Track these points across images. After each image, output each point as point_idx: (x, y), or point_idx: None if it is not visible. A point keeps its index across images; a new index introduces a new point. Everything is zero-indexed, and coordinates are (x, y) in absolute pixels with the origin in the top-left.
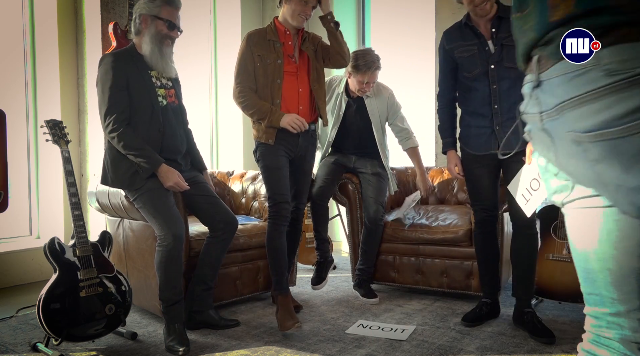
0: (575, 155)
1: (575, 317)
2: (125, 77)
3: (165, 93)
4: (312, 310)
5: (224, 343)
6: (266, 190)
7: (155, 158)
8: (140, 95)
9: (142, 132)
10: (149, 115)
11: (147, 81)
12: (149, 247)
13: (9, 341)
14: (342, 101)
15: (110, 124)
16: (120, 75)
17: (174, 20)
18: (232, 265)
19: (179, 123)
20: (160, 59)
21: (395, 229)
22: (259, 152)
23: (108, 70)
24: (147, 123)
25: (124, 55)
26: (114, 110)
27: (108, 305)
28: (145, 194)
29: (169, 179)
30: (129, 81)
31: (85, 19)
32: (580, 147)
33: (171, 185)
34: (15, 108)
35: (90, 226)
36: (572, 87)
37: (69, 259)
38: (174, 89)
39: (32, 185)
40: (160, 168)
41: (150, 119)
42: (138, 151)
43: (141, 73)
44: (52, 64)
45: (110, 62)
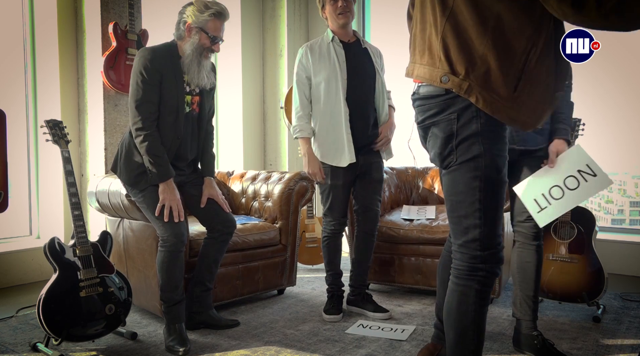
0: None
1: (575, 317)
2: (159, 75)
3: (191, 100)
4: (312, 310)
5: (224, 343)
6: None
7: (167, 171)
8: (169, 97)
9: (163, 133)
10: (173, 119)
11: (179, 84)
12: (149, 247)
13: (9, 341)
14: (337, 47)
15: (140, 121)
16: (155, 73)
17: (218, 34)
18: (232, 265)
19: (193, 131)
20: (197, 71)
21: (395, 229)
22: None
23: (146, 65)
24: (170, 126)
25: (164, 53)
26: (146, 107)
27: (108, 305)
28: (148, 195)
29: (167, 197)
30: (162, 80)
31: (85, 19)
32: None
33: (165, 200)
34: (15, 108)
35: (90, 226)
36: None
37: (69, 259)
38: (199, 96)
39: (32, 185)
40: (168, 181)
41: (174, 123)
42: (156, 159)
43: (176, 75)
44: (52, 64)
45: (149, 57)
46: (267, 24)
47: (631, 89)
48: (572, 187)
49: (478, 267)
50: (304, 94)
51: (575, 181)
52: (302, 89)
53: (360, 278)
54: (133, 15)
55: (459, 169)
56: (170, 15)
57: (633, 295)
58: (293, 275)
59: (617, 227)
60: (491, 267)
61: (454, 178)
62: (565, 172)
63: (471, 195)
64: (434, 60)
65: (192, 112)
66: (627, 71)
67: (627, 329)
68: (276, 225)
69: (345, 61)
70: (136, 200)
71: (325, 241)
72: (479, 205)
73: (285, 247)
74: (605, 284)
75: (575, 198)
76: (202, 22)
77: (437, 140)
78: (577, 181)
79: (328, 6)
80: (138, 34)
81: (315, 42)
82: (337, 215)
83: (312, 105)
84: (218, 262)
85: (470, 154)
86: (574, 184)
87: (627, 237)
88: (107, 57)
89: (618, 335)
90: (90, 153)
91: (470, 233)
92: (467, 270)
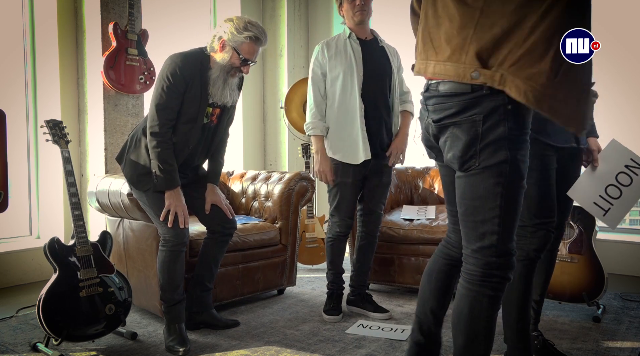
0: None
1: (575, 317)
2: (185, 84)
3: (211, 111)
4: (312, 310)
5: (224, 343)
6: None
7: (175, 180)
8: (191, 106)
9: (176, 140)
10: (189, 128)
11: (203, 95)
12: (149, 246)
13: (9, 341)
14: (353, 43)
15: (157, 126)
16: (182, 81)
17: (251, 58)
18: (232, 265)
19: (206, 141)
20: (222, 88)
21: (395, 229)
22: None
23: (174, 72)
24: (183, 135)
25: (194, 61)
26: (166, 114)
27: (108, 305)
28: (151, 194)
29: (173, 203)
30: (187, 89)
31: (85, 19)
32: None
33: (170, 205)
34: (15, 108)
35: (90, 226)
36: None
37: (69, 259)
38: (220, 109)
39: (32, 185)
40: (175, 189)
41: (188, 132)
42: (166, 166)
43: (202, 85)
44: (52, 64)
45: (180, 64)
46: (267, 24)
47: (631, 88)
48: (625, 183)
49: (493, 273)
50: (319, 91)
51: (626, 177)
52: (318, 85)
53: (360, 278)
54: (133, 15)
55: (480, 173)
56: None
57: (633, 295)
58: (293, 275)
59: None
60: (505, 273)
61: (474, 183)
62: (614, 169)
63: (492, 200)
64: (458, 56)
65: (210, 123)
66: (627, 71)
67: (627, 329)
68: (276, 225)
69: (361, 57)
70: (138, 197)
71: (330, 242)
72: (498, 212)
73: (285, 247)
74: (605, 284)
75: (634, 194)
76: (238, 42)
77: (458, 142)
78: (628, 177)
79: (346, 4)
80: (138, 34)
81: (332, 39)
82: (343, 215)
83: (327, 102)
84: (218, 262)
85: (495, 159)
86: (627, 180)
87: (627, 237)
88: (107, 57)
89: (618, 335)
90: (90, 153)
91: (487, 239)
92: (480, 276)
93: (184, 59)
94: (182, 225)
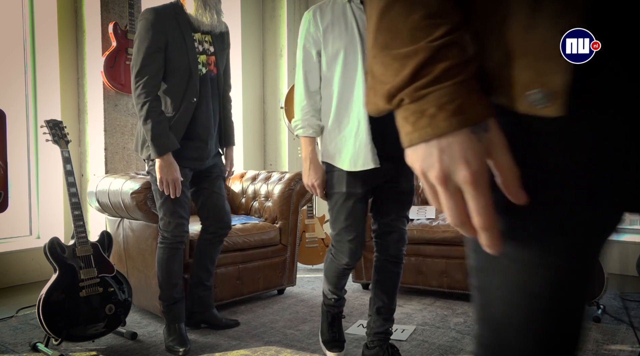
0: None
1: None
2: (164, 37)
3: (206, 60)
4: (312, 310)
5: (224, 343)
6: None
7: (166, 143)
8: (179, 58)
9: (176, 98)
10: (186, 81)
11: (188, 44)
12: (149, 246)
13: (9, 341)
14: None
15: (140, 88)
16: (159, 35)
17: None
18: (232, 265)
19: (214, 95)
20: (205, 11)
21: None
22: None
23: (148, 28)
24: (183, 90)
25: (167, 12)
26: (145, 72)
27: (108, 305)
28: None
29: (167, 172)
30: (169, 41)
31: (85, 19)
32: None
33: (164, 178)
34: (15, 108)
35: (90, 226)
36: None
37: (69, 259)
38: (214, 56)
39: (32, 185)
40: (166, 156)
41: (187, 86)
42: (153, 130)
43: (183, 34)
44: (52, 64)
45: (150, 19)
46: (267, 24)
47: None
48: None
49: None
50: (313, 78)
51: None
52: (310, 69)
53: (383, 325)
54: (133, 15)
55: None
56: None
57: (633, 295)
58: (293, 275)
59: None
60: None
61: None
62: None
63: None
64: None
65: (210, 73)
66: None
67: (627, 329)
68: (276, 225)
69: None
70: (150, 175)
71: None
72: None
73: (285, 247)
74: (605, 284)
75: None
76: None
77: None
78: None
79: None
80: None
81: (326, 3)
82: (353, 239)
83: (322, 89)
84: (214, 260)
85: None
86: None
87: (627, 237)
88: (107, 57)
89: (618, 335)
90: (90, 153)
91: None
92: None
93: (154, 11)
94: (172, 195)
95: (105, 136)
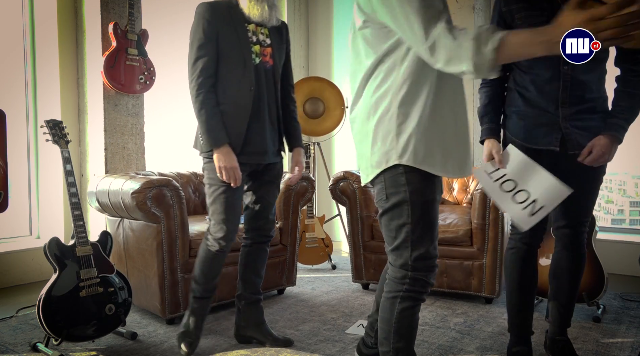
0: None
1: (575, 317)
2: (215, 28)
3: (260, 51)
4: (312, 310)
5: (224, 343)
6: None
7: (220, 135)
8: (232, 49)
9: (232, 90)
10: (241, 72)
11: (241, 34)
12: (149, 246)
13: (9, 341)
14: None
15: (194, 80)
16: (210, 27)
17: None
18: (232, 265)
19: (269, 86)
20: (256, 3)
21: None
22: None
23: (198, 21)
24: (238, 80)
25: (219, 5)
26: (198, 64)
27: (108, 305)
28: (214, 170)
29: (225, 160)
30: (220, 33)
31: (85, 19)
32: None
33: (223, 166)
34: (15, 108)
35: (90, 226)
36: None
37: (69, 259)
38: (270, 48)
39: (32, 185)
40: (222, 146)
41: (242, 76)
42: (208, 121)
43: (236, 25)
44: (52, 64)
45: (202, 12)
46: None
47: None
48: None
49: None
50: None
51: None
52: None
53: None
54: (133, 15)
55: None
56: (170, 15)
57: (633, 295)
58: (293, 275)
59: (617, 227)
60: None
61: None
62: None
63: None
64: None
65: (264, 64)
66: None
67: (627, 329)
68: (276, 225)
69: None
70: (204, 170)
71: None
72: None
73: (285, 247)
74: (605, 284)
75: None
76: None
77: None
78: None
79: None
80: (138, 34)
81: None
82: (436, 254)
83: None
84: (258, 271)
85: None
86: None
87: (627, 237)
88: (107, 57)
89: (618, 335)
90: (90, 153)
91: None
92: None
93: (208, 4)
94: (234, 184)
95: (105, 136)
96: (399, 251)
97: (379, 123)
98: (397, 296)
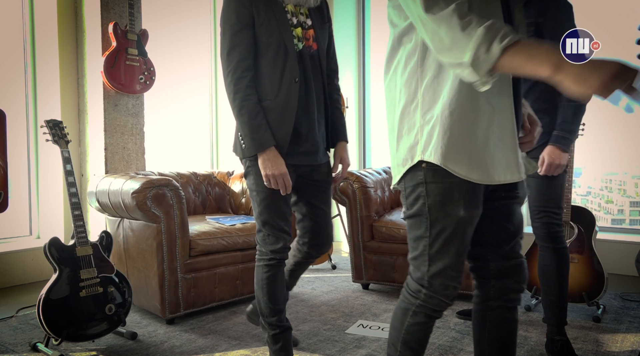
0: None
1: (575, 317)
2: (250, 13)
3: (302, 34)
4: (312, 310)
5: (224, 343)
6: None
7: (265, 137)
8: (271, 35)
9: (275, 82)
10: (282, 61)
11: (279, 18)
12: (149, 246)
13: (9, 341)
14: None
15: (230, 74)
16: (243, 9)
17: None
18: (232, 265)
19: (316, 75)
20: None
21: (395, 229)
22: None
23: (231, 4)
24: (281, 71)
25: None
26: (234, 55)
27: (108, 305)
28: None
29: (272, 167)
30: (256, 17)
31: (85, 19)
32: None
33: (271, 174)
34: (15, 108)
35: (90, 226)
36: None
37: (69, 259)
38: (313, 30)
39: (32, 185)
40: (269, 150)
41: (284, 65)
42: (250, 122)
43: (272, 7)
44: (52, 64)
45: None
46: None
47: None
48: None
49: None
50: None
51: None
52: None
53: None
54: (133, 15)
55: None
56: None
57: (633, 295)
58: None
59: (617, 227)
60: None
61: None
62: None
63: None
64: None
65: (308, 49)
66: None
67: (627, 329)
68: None
69: None
70: (246, 178)
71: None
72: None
73: None
74: (605, 284)
75: None
76: None
77: None
78: None
79: None
80: (138, 34)
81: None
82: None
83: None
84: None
85: None
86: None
87: (627, 237)
88: (107, 57)
89: (618, 335)
90: (90, 153)
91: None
92: None
93: None
94: (283, 192)
95: (105, 136)
96: (417, 262)
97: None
98: (409, 308)
